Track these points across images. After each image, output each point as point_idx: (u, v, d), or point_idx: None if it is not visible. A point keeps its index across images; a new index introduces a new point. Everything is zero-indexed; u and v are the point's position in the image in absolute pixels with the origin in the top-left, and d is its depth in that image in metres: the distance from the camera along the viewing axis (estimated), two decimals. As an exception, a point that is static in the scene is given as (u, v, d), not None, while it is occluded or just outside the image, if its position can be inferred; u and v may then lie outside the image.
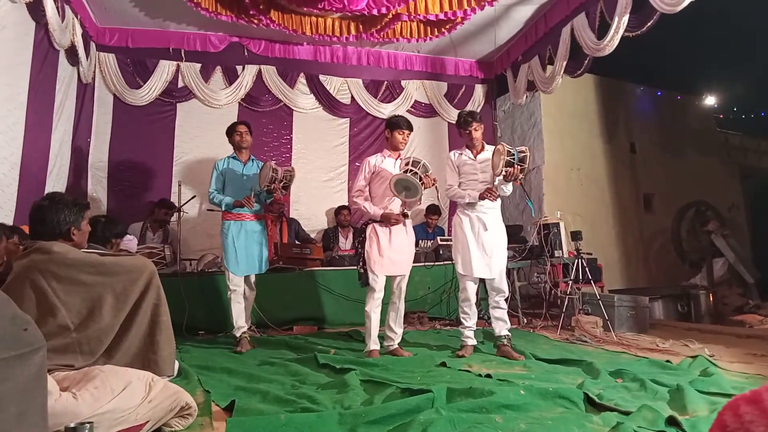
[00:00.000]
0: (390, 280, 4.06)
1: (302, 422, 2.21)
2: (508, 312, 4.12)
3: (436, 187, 3.94)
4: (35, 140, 4.80)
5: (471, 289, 4.08)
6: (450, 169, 4.20)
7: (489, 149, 4.13)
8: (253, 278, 4.60)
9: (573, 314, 5.05)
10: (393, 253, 3.97)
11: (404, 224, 4.06)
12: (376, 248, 3.94)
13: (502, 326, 3.99)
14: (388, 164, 4.08)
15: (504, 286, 4.06)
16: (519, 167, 3.75)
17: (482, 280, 4.20)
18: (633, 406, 2.38)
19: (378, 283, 3.95)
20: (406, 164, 3.85)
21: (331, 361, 3.58)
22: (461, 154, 4.18)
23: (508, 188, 4.01)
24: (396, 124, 4.11)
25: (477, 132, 4.07)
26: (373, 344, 3.95)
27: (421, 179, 3.78)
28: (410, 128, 4.14)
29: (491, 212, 4.08)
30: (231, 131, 4.63)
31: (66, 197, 2.52)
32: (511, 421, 2.23)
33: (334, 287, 5.47)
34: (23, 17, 4.55)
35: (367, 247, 3.97)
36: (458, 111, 7.64)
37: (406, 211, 4.04)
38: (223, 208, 4.49)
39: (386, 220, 3.95)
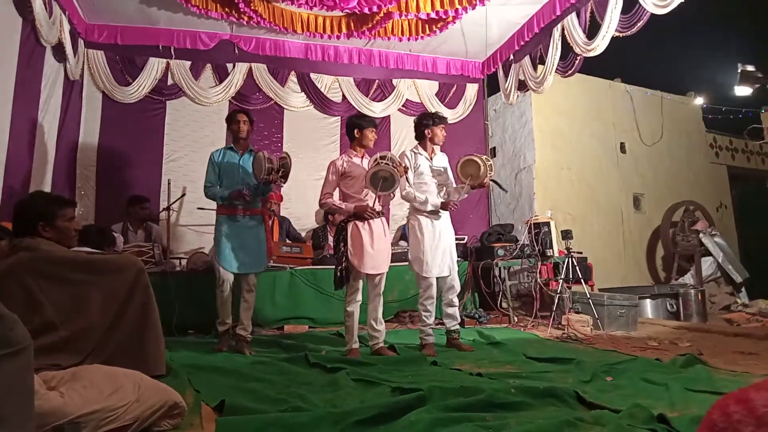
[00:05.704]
0: (366, 279, 4.06)
1: (293, 421, 2.19)
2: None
3: (406, 177, 4.09)
4: (20, 138, 4.73)
5: (434, 287, 4.23)
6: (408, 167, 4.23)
7: (440, 155, 4.37)
8: (253, 279, 4.36)
9: (564, 313, 5.07)
10: (375, 251, 3.96)
11: (381, 222, 4.07)
12: (359, 246, 3.92)
13: (453, 322, 4.29)
14: (356, 163, 4.10)
15: (457, 283, 4.30)
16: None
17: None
18: (623, 404, 2.39)
19: (360, 281, 3.97)
20: (375, 159, 3.86)
21: (321, 360, 3.58)
22: (418, 154, 4.32)
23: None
24: (371, 121, 4.24)
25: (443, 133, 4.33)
26: (355, 343, 3.96)
27: (395, 167, 3.81)
28: (376, 126, 4.40)
29: (443, 214, 4.31)
30: (230, 120, 4.45)
31: (45, 194, 2.50)
32: (501, 419, 2.23)
33: (324, 286, 5.43)
34: (10, 13, 4.49)
35: (350, 245, 3.92)
36: (450, 110, 7.68)
37: (379, 209, 4.03)
38: (219, 202, 4.32)
39: (361, 213, 3.93)
